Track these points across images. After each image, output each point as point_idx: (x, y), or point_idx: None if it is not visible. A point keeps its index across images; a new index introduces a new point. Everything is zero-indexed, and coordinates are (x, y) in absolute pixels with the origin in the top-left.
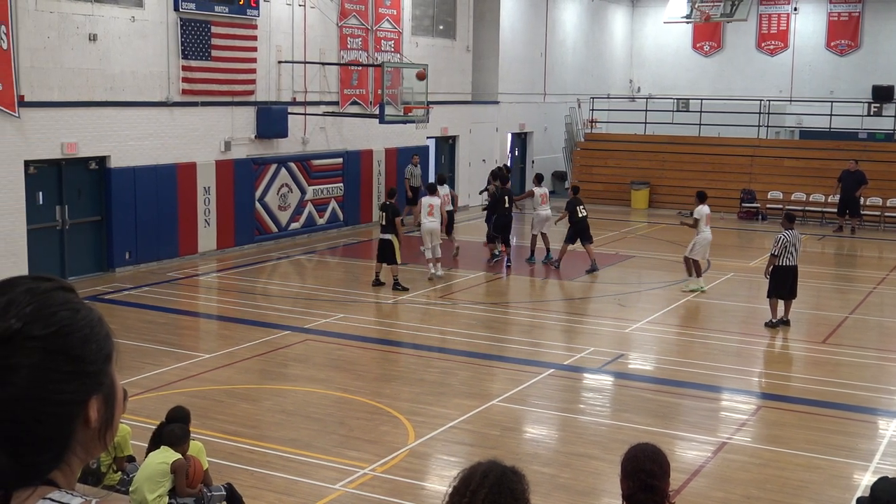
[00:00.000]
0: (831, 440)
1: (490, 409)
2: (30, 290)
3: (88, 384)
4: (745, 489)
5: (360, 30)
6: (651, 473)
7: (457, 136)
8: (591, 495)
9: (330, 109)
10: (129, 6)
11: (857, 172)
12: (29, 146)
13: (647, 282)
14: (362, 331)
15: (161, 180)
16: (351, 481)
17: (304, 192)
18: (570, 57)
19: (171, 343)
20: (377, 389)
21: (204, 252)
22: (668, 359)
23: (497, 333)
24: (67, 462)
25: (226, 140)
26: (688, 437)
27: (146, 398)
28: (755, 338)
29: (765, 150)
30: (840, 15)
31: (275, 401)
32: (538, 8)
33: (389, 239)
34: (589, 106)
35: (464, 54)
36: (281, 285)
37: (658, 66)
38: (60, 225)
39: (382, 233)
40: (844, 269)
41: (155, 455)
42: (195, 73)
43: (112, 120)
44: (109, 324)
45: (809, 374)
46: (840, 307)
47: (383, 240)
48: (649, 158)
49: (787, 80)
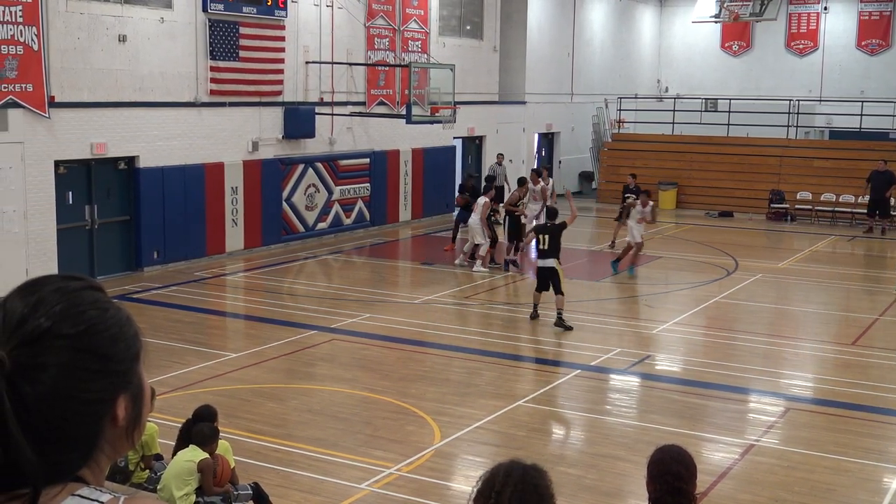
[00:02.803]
0: (861, 443)
1: (516, 409)
2: (59, 289)
3: (116, 383)
4: (773, 492)
5: (388, 30)
6: (678, 476)
7: (483, 136)
8: (617, 497)
9: (357, 110)
10: (158, 7)
11: (887, 172)
12: (59, 146)
13: (674, 282)
14: (388, 331)
15: (189, 180)
16: (376, 481)
17: (330, 193)
18: (598, 57)
19: (198, 342)
20: (403, 389)
21: (231, 252)
22: (695, 360)
23: (523, 334)
24: (96, 460)
25: (253, 140)
26: (715, 439)
27: (173, 397)
28: (783, 339)
29: (794, 151)
30: (871, 14)
31: (301, 400)
32: (565, 8)
33: (552, 266)
34: (616, 106)
35: (491, 54)
36: (307, 285)
37: (686, 65)
38: (90, 224)
39: (542, 258)
40: (875, 271)
41: (183, 454)
42: (223, 73)
43: (141, 120)
44: (137, 323)
45: (839, 376)
46: (870, 309)
47: (545, 268)
48: (677, 159)
49: (817, 80)
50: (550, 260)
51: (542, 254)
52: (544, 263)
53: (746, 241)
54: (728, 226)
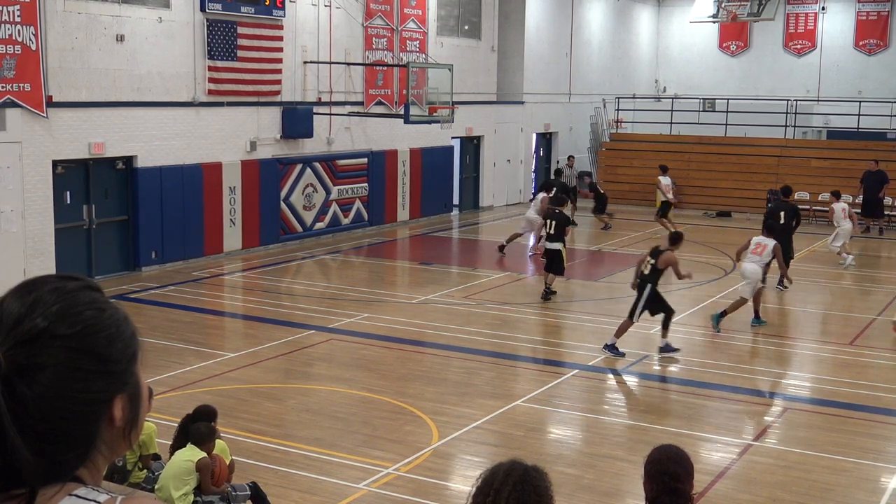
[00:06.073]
0: (858, 443)
1: (514, 409)
2: (56, 289)
3: (114, 383)
4: (771, 491)
5: (386, 30)
6: (675, 476)
7: (482, 136)
8: (615, 496)
9: (355, 109)
10: (156, 7)
11: (879, 172)
12: (57, 146)
13: (672, 283)
14: (387, 330)
15: (187, 180)
16: (375, 481)
17: (329, 192)
18: (596, 57)
19: (196, 342)
20: (401, 389)
21: (229, 251)
22: (693, 360)
23: (521, 334)
24: (93, 460)
25: (251, 140)
26: (713, 439)
27: (171, 396)
28: (781, 339)
29: (792, 151)
30: (869, 14)
31: (299, 400)
32: (563, 8)
33: (559, 249)
34: (614, 106)
35: (489, 54)
36: (305, 285)
37: (684, 65)
38: (87, 224)
39: (549, 241)
40: (872, 271)
41: (181, 453)
42: (221, 73)
43: (139, 120)
44: (135, 323)
45: (836, 375)
46: (868, 309)
47: (551, 249)
48: (675, 159)
49: (815, 80)
50: (557, 243)
51: (549, 237)
52: (551, 246)
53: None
54: (726, 225)
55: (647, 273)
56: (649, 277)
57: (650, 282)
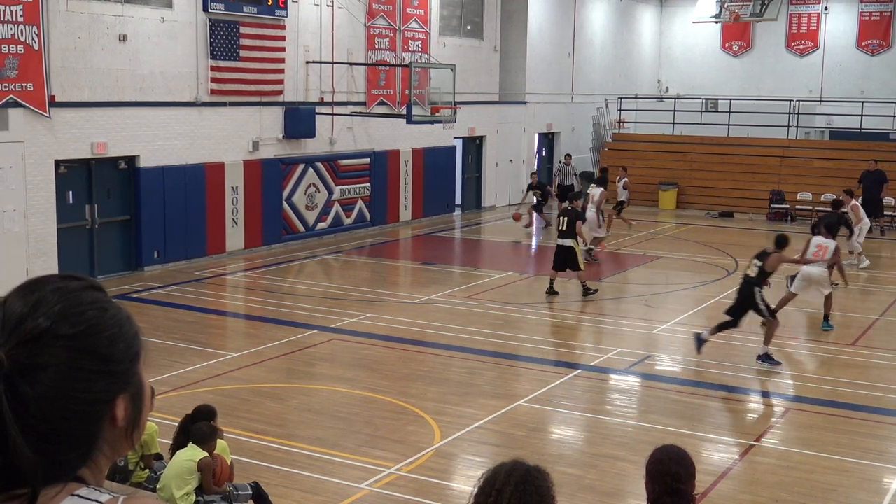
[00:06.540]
0: (861, 443)
1: (516, 409)
2: (59, 288)
3: (116, 383)
4: (773, 492)
5: (388, 30)
6: (676, 476)
7: (484, 136)
8: (616, 497)
9: (357, 109)
10: (158, 7)
11: (878, 172)
12: (59, 146)
13: (674, 283)
14: (389, 330)
15: (189, 180)
16: (377, 481)
17: (331, 192)
18: (598, 57)
19: (198, 342)
20: (403, 389)
21: (231, 251)
22: (695, 360)
23: (523, 333)
24: (95, 460)
25: (254, 140)
26: (715, 439)
27: (173, 396)
28: (783, 339)
29: (794, 151)
30: (871, 15)
31: (301, 400)
32: (566, 8)
33: (571, 245)
34: (617, 106)
35: (491, 54)
36: (308, 285)
37: (686, 65)
38: (90, 224)
39: (561, 238)
40: (874, 271)
41: (182, 453)
42: (224, 73)
43: (141, 120)
44: (137, 322)
45: (839, 376)
46: (870, 309)
47: (563, 246)
48: (677, 159)
49: (817, 81)
50: (568, 240)
51: (560, 234)
52: (562, 242)
53: (747, 241)
54: (728, 226)
55: (754, 276)
56: (755, 280)
57: (755, 284)
